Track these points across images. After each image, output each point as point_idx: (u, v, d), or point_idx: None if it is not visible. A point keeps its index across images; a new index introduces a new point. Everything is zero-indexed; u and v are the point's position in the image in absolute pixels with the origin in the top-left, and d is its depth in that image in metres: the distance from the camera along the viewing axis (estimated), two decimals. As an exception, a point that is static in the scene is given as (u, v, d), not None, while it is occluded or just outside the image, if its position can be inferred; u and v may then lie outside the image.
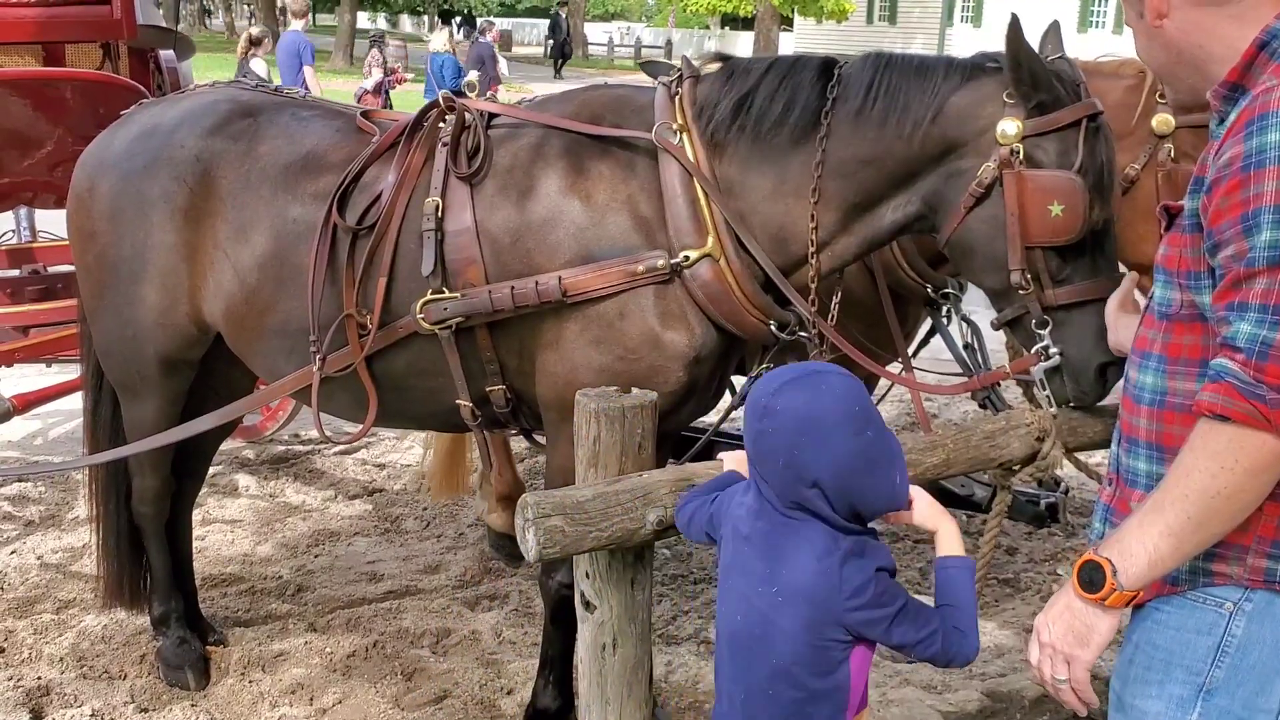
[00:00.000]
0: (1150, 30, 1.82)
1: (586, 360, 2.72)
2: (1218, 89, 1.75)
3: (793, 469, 1.79)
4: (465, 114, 2.90)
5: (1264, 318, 1.55)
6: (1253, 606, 1.69)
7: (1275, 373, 1.54)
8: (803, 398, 1.80)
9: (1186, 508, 1.60)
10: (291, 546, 4.60)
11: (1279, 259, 1.54)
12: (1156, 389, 1.78)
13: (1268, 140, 1.55)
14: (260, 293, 2.98)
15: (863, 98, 2.60)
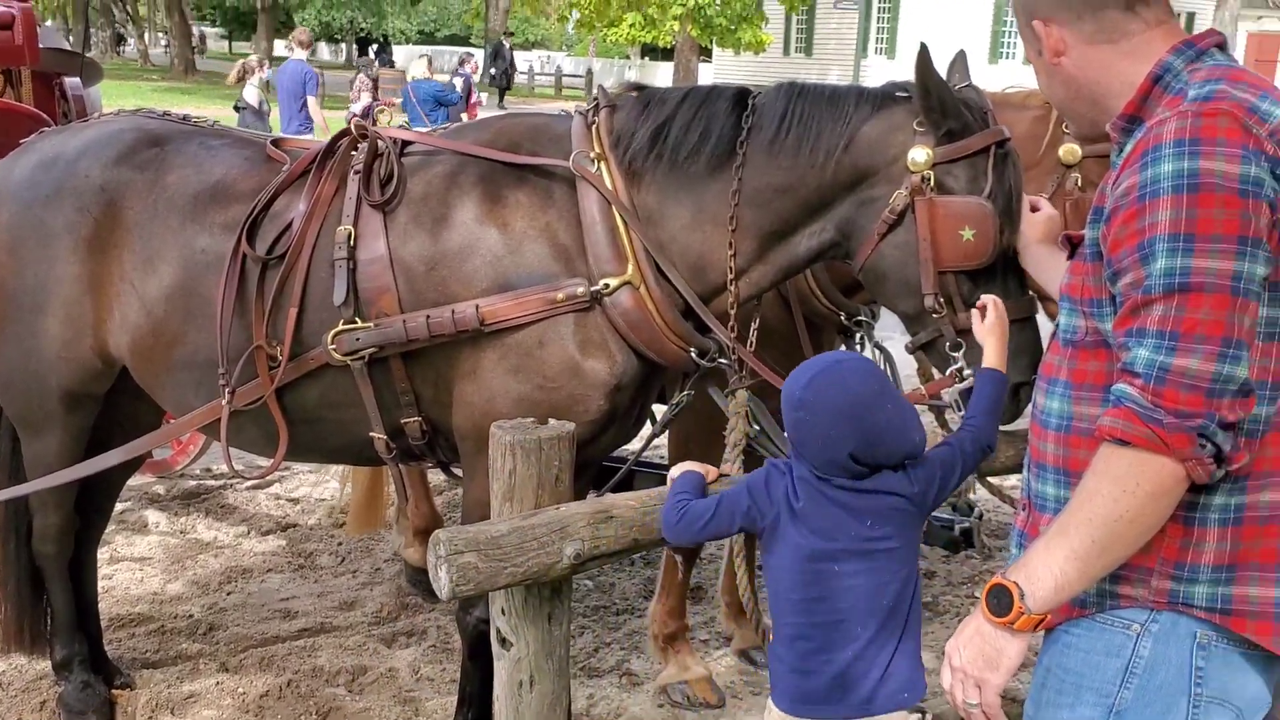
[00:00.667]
0: (1049, 68, 1.88)
1: (505, 389, 2.69)
2: (1116, 121, 1.80)
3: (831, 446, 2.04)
4: (378, 142, 2.86)
5: (1161, 343, 1.58)
6: (1159, 628, 1.72)
7: (1173, 397, 1.57)
8: (831, 386, 2.05)
9: (1091, 531, 1.62)
10: (203, 584, 4.48)
11: (1174, 286, 1.57)
12: (1062, 414, 1.81)
13: (1161, 171, 1.59)
14: (168, 325, 2.90)
15: (776, 127, 2.61)
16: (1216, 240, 1.56)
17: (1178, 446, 1.57)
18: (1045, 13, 1.84)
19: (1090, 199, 3.12)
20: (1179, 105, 1.68)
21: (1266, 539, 1.69)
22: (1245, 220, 1.56)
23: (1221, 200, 1.56)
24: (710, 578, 4.51)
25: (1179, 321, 1.57)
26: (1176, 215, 1.57)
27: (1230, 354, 1.57)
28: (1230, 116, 1.61)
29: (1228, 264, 1.56)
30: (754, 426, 2.78)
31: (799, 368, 2.13)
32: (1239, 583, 1.69)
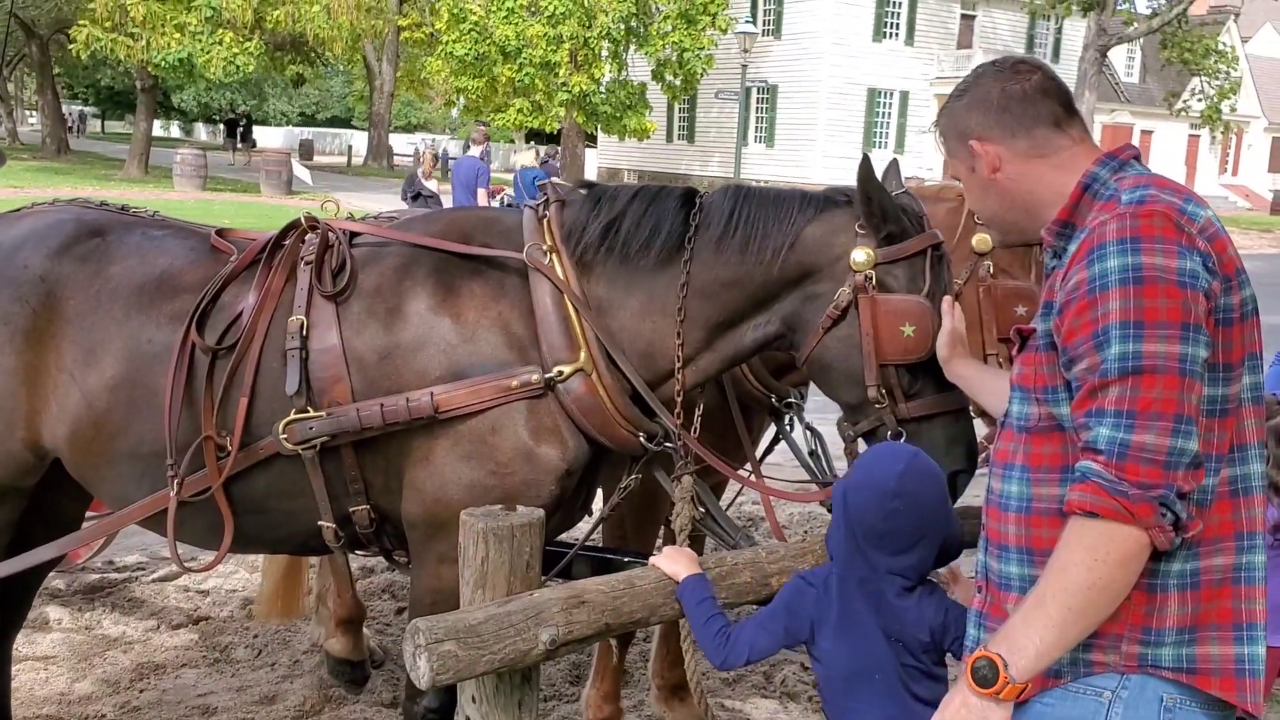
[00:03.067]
0: (985, 183, 2.07)
1: (457, 476, 2.72)
2: (1051, 226, 1.99)
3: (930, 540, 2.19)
4: (329, 233, 2.90)
5: (1119, 421, 1.71)
6: (1128, 694, 1.82)
7: (1135, 470, 1.70)
8: (925, 476, 2.22)
9: (1066, 600, 1.73)
10: (113, 682, 4.32)
11: (1128, 369, 1.71)
12: (1023, 496, 1.91)
13: (1107, 266, 1.76)
14: (111, 416, 2.86)
15: (724, 225, 2.74)
16: (1163, 327, 1.71)
17: (1142, 515, 1.70)
18: (981, 132, 2.03)
19: (1001, 285, 3.33)
20: (1115, 209, 1.84)
21: (1221, 600, 1.83)
22: (1186, 308, 1.72)
23: (1164, 291, 1.72)
24: (637, 661, 4.53)
25: (1135, 401, 1.71)
26: (1125, 305, 1.72)
27: (1183, 429, 1.71)
28: (1164, 217, 1.78)
29: (1174, 348, 1.71)
30: (699, 509, 2.86)
31: (871, 460, 2.25)
32: (1200, 643, 1.82)
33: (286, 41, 32.56)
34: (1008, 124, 2.01)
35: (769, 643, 2.22)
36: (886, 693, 2.16)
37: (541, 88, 32.45)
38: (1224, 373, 1.81)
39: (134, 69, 30.48)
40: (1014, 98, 2.02)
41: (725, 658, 2.20)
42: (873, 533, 2.18)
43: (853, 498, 2.21)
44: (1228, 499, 1.84)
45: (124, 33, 27.59)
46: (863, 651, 2.17)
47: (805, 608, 2.20)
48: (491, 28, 32.09)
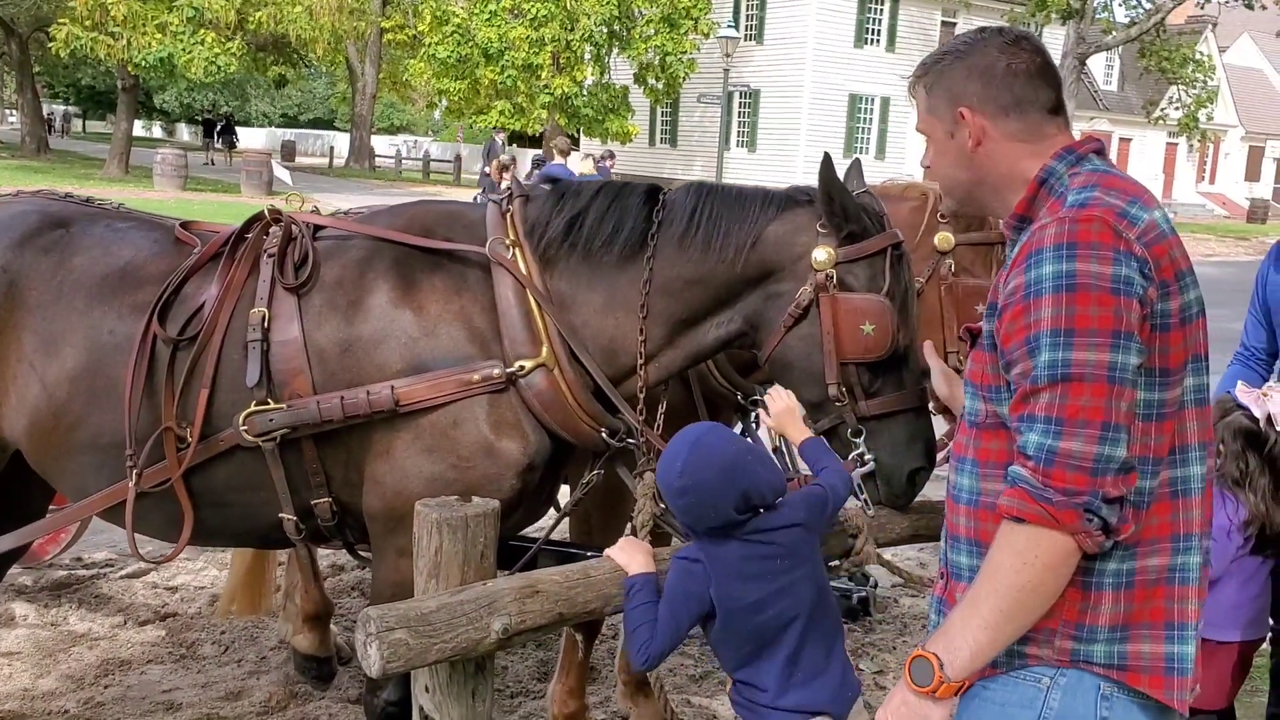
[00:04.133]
0: (961, 152, 2.01)
1: (418, 469, 2.72)
2: (1009, 220, 1.98)
3: (720, 511, 2.28)
4: (292, 226, 2.90)
5: (1048, 428, 1.74)
6: (1066, 680, 1.85)
7: (1060, 477, 1.73)
8: (702, 463, 2.29)
9: (997, 602, 1.77)
10: (78, 678, 4.30)
11: (1057, 376, 1.74)
12: (972, 490, 1.95)
13: (1042, 273, 1.77)
14: (70, 407, 2.85)
15: (687, 222, 2.75)
16: (1093, 335, 1.73)
17: (1066, 522, 1.72)
18: (974, 103, 1.98)
19: (963, 283, 3.35)
20: (1058, 211, 1.84)
21: (1155, 600, 1.85)
22: (1118, 315, 1.73)
23: (1096, 298, 1.73)
24: (604, 657, 4.54)
25: (1063, 408, 1.73)
26: (1057, 312, 1.74)
27: (1110, 437, 1.73)
28: (1102, 222, 1.78)
29: (1103, 355, 1.73)
30: (660, 505, 2.88)
31: (663, 460, 2.33)
32: (1133, 640, 1.84)
33: (269, 42, 32.44)
34: (1004, 101, 1.96)
35: (679, 631, 2.26)
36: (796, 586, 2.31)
37: (524, 90, 32.47)
38: (1161, 377, 1.82)
39: (115, 68, 30.32)
40: (1018, 75, 1.97)
41: (646, 659, 2.24)
42: (688, 521, 2.31)
43: (666, 501, 2.37)
44: (1167, 500, 1.86)
45: (104, 31, 27.43)
46: (762, 572, 2.28)
47: (698, 583, 2.26)
48: (474, 30, 32.11)
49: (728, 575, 2.25)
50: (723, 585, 2.25)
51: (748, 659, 2.31)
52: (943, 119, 2.02)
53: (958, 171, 2.05)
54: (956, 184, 2.08)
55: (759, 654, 2.29)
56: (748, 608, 2.25)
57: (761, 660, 2.29)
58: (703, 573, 2.25)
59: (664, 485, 2.30)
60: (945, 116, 2.01)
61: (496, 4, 32.07)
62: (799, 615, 2.29)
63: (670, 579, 2.27)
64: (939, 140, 2.04)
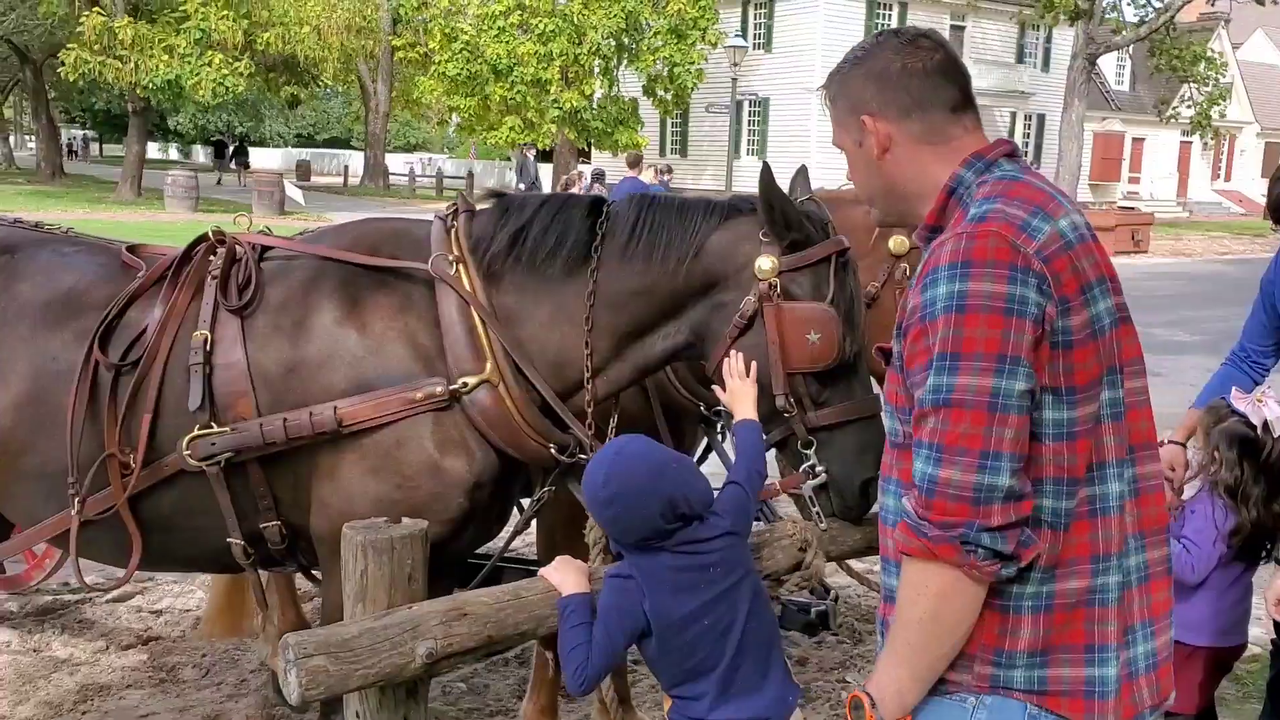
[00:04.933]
0: (870, 161, 1.95)
1: (364, 490, 2.69)
2: (921, 231, 1.93)
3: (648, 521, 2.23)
4: (236, 247, 2.88)
5: (930, 454, 1.70)
6: (988, 708, 1.80)
7: (940, 508, 1.69)
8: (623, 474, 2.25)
9: (906, 635, 1.76)
10: (56, 704, 4.28)
11: (940, 401, 1.69)
12: (897, 510, 1.88)
13: (938, 293, 1.71)
14: (15, 434, 2.84)
15: (629, 234, 2.72)
16: (978, 359, 1.67)
17: (945, 556, 1.69)
18: (875, 108, 1.91)
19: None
20: (959, 225, 1.78)
21: (1074, 623, 1.79)
22: (1004, 339, 1.67)
23: (985, 320, 1.67)
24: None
25: (943, 435, 1.69)
26: (946, 334, 1.69)
27: (989, 465, 1.67)
28: (999, 237, 1.71)
29: (986, 381, 1.67)
30: None
31: (587, 472, 2.30)
32: (1052, 665, 1.78)
33: (278, 63, 32.66)
34: (904, 103, 1.90)
35: (616, 651, 2.22)
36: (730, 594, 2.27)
37: (533, 105, 32.55)
38: (1069, 395, 1.74)
39: (125, 91, 30.58)
40: (914, 75, 1.90)
41: (583, 681, 2.19)
42: (616, 533, 2.28)
43: (592, 516, 2.34)
44: (1085, 520, 1.79)
45: (112, 55, 27.70)
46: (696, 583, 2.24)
47: (632, 600, 2.22)
48: (483, 47, 32.22)
49: (661, 589, 2.21)
50: (656, 599, 2.21)
51: (686, 674, 2.27)
52: (849, 129, 1.97)
53: (870, 181, 1.99)
54: (873, 194, 2.02)
55: (697, 667, 2.25)
56: (683, 619, 2.21)
57: (699, 673, 2.25)
58: (636, 588, 2.22)
59: (589, 497, 2.26)
60: (851, 126, 1.96)
61: (504, 20, 32.18)
62: (735, 623, 2.25)
63: (603, 597, 2.23)
64: (850, 151, 1.99)
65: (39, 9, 29.90)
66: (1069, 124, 32.54)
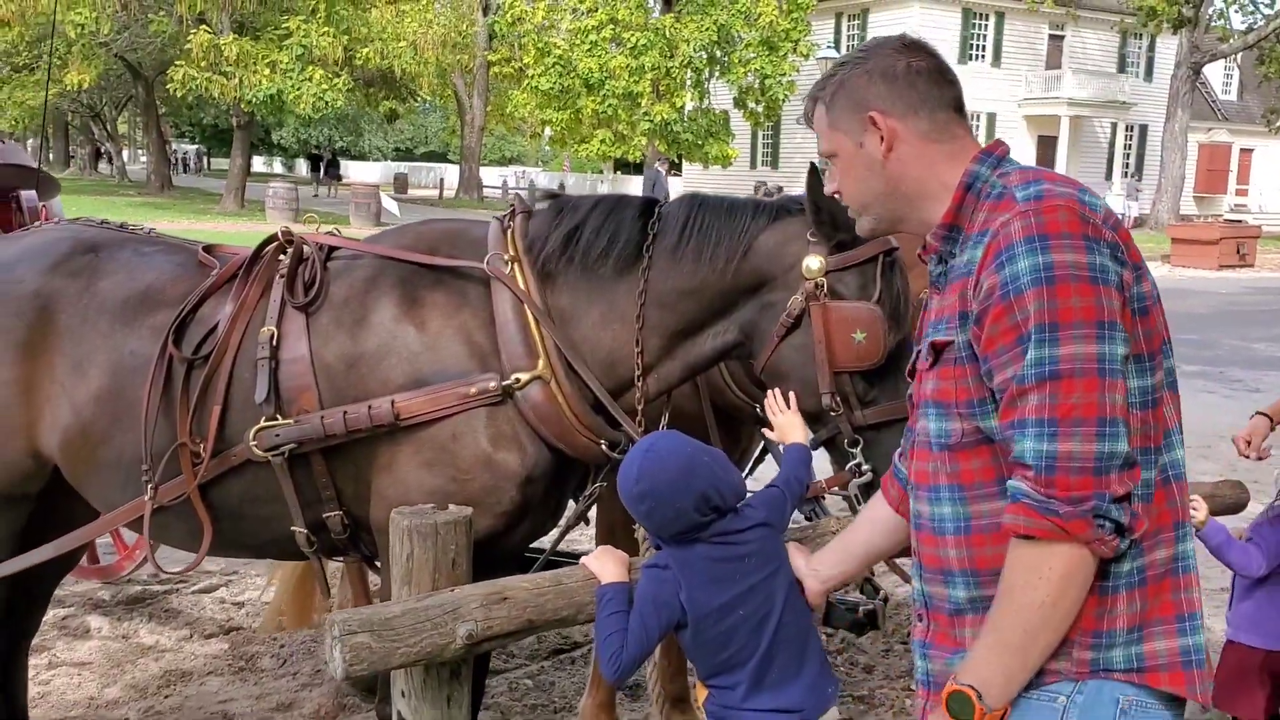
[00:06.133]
0: (871, 162, 1.93)
1: (419, 482, 2.78)
2: (937, 230, 1.90)
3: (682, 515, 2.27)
4: (303, 247, 3.00)
5: (1042, 431, 1.66)
6: (1083, 699, 1.76)
7: (1064, 484, 1.65)
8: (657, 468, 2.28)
9: (1019, 623, 1.71)
10: (141, 688, 4.47)
11: (1045, 374, 1.65)
12: (958, 517, 1.84)
13: (1018, 269, 1.69)
14: (96, 425, 2.99)
15: (679, 234, 2.78)
16: (1077, 327, 1.65)
17: (1078, 533, 1.65)
18: (883, 105, 1.90)
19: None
20: (1014, 206, 1.76)
21: (1164, 594, 1.78)
22: (1100, 305, 1.67)
23: (1076, 289, 1.66)
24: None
25: (1054, 408, 1.65)
26: (1040, 306, 1.66)
27: (1108, 432, 1.65)
28: (1068, 210, 1.72)
29: (1090, 348, 1.65)
30: None
31: (621, 469, 2.34)
32: (1147, 639, 1.76)
33: (376, 78, 33.42)
34: (911, 101, 1.89)
35: (651, 640, 2.26)
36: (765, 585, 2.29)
37: (624, 118, 32.78)
38: (1148, 361, 1.76)
39: (230, 106, 31.56)
40: (920, 74, 1.91)
41: (617, 669, 2.23)
42: (652, 528, 2.30)
43: (629, 509, 2.33)
44: (1162, 488, 1.78)
45: (218, 71, 28.65)
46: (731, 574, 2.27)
47: (668, 591, 2.25)
48: (575, 61, 32.56)
49: (697, 580, 2.25)
50: (693, 590, 2.25)
51: (721, 665, 2.30)
52: (849, 130, 1.94)
53: (869, 183, 1.96)
54: (870, 197, 1.98)
55: (732, 658, 2.28)
56: (718, 610, 2.25)
57: (734, 664, 2.28)
58: (672, 579, 2.26)
59: (623, 493, 2.30)
60: (851, 127, 1.94)
61: (597, 35, 32.49)
62: (770, 614, 2.27)
63: (640, 587, 2.28)
64: (847, 155, 1.96)
65: (150, 28, 31.02)
66: (1172, 135, 31.78)
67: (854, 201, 2.01)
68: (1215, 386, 11.64)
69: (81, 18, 27.84)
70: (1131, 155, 41.27)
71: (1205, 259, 26.19)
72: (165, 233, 3.53)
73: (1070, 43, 40.13)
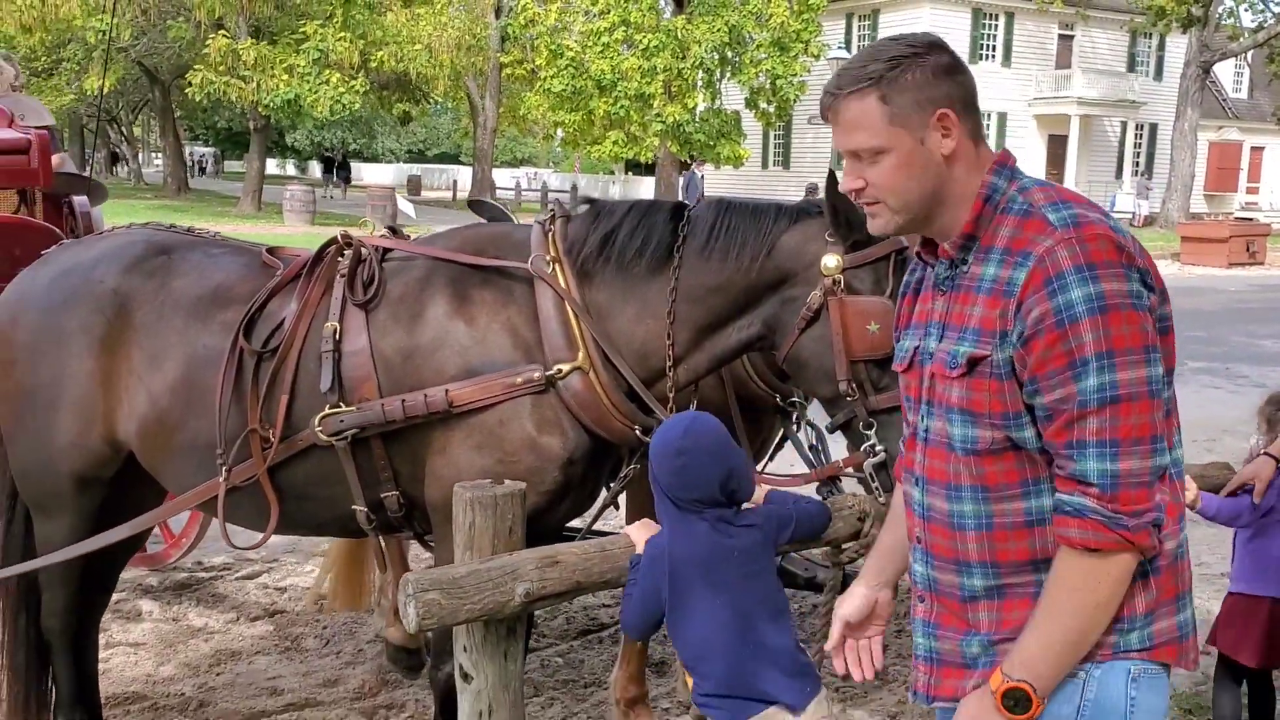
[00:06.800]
0: (928, 161, 1.93)
1: (471, 464, 3.04)
2: (955, 240, 1.98)
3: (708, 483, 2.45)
4: (361, 249, 3.27)
5: (1104, 451, 1.81)
6: (1100, 673, 1.96)
7: (1127, 499, 1.82)
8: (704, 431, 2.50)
9: (1078, 624, 1.88)
10: (193, 666, 4.75)
11: (1106, 399, 1.80)
12: (980, 515, 1.98)
13: (1071, 297, 1.80)
14: (171, 413, 3.25)
15: (708, 235, 3.03)
16: (1130, 353, 1.80)
17: (1142, 543, 1.85)
18: (955, 104, 1.91)
19: None
20: (1049, 230, 1.85)
21: (1169, 579, 1.97)
22: (1144, 330, 1.82)
23: (1126, 317, 1.81)
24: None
25: (1115, 430, 1.81)
26: (1096, 335, 1.79)
27: (1159, 448, 1.85)
28: (1106, 238, 1.84)
29: (1142, 372, 1.81)
30: None
31: (665, 426, 2.56)
32: (1157, 620, 1.96)
33: (391, 81, 33.75)
34: (968, 101, 1.93)
35: (648, 615, 2.49)
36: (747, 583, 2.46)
37: (636, 119, 32.95)
38: (1169, 376, 1.91)
39: (247, 110, 31.90)
40: (963, 73, 1.95)
41: (625, 626, 2.54)
42: (677, 484, 2.46)
43: (655, 467, 2.49)
44: (1171, 485, 1.93)
45: (236, 76, 29.02)
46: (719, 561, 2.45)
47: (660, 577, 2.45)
48: (588, 63, 32.79)
49: (687, 557, 2.43)
50: (679, 568, 2.44)
51: (701, 649, 2.46)
52: (911, 126, 1.91)
53: (922, 181, 1.94)
54: (916, 195, 1.96)
55: (710, 643, 2.44)
56: (701, 594, 2.43)
57: (714, 650, 2.44)
58: (663, 562, 2.45)
59: (662, 445, 2.47)
60: (916, 122, 1.91)
61: (609, 36, 32.71)
62: (748, 613, 2.43)
63: (642, 565, 2.50)
64: (904, 151, 1.92)
65: (168, 33, 31.42)
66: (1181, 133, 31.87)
67: (896, 198, 1.97)
68: (1221, 382, 11.85)
69: (102, 24, 28.22)
70: (1141, 154, 41.43)
71: (1215, 257, 26.33)
72: (228, 236, 3.80)
73: (1080, 42, 40.28)
